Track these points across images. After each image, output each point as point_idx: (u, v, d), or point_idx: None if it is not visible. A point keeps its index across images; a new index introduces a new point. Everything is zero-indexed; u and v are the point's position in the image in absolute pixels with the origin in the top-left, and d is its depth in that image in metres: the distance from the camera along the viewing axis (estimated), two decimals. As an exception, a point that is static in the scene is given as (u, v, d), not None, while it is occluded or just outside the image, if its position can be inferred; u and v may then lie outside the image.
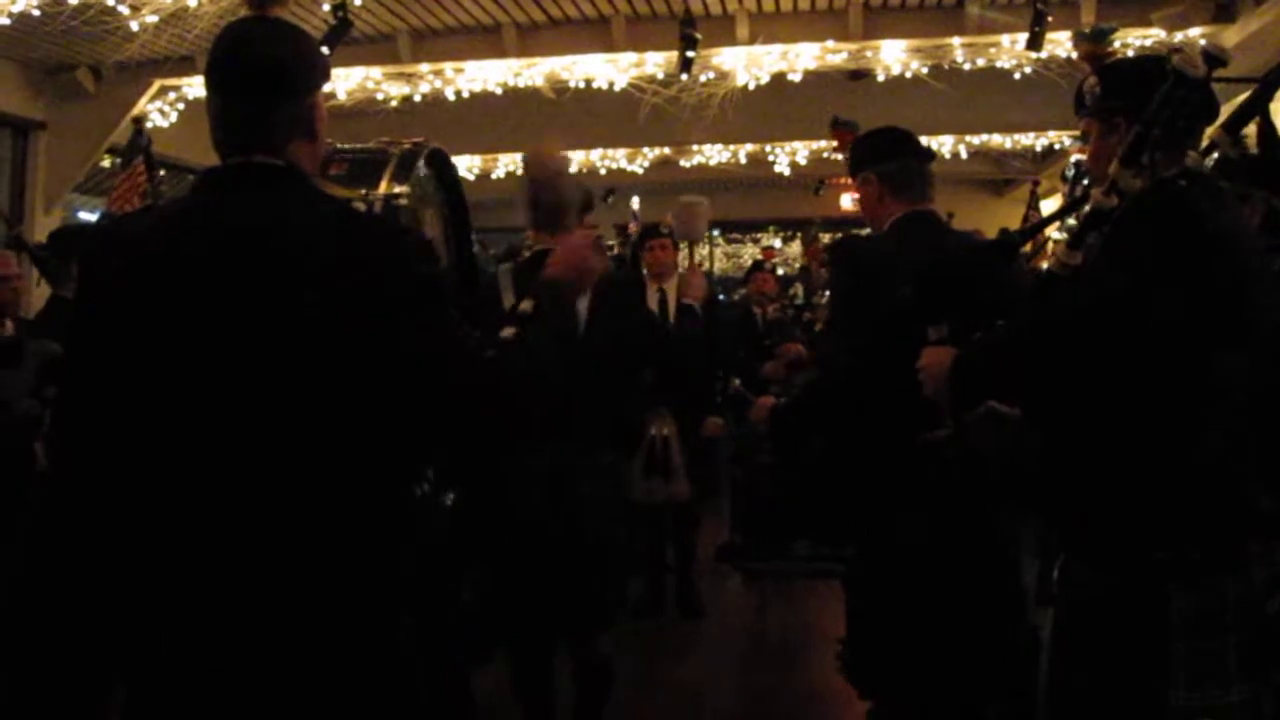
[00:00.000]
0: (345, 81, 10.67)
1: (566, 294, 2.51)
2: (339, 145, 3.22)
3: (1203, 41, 9.55)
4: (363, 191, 3.01)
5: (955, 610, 3.32)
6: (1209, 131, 2.61)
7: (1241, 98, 2.60)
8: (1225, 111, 2.60)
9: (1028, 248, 3.78)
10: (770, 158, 14.60)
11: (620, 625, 4.26)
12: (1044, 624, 2.73)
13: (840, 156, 8.55)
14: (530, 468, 3.75)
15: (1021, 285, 3.03)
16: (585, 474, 3.93)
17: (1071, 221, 3.56)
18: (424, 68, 10.84)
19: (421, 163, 3.29)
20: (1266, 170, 3.49)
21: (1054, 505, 2.60)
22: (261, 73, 2.10)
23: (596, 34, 10.52)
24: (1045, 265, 2.67)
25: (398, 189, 3.04)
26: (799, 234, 19.72)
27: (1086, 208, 2.51)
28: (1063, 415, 2.48)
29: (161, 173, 10.67)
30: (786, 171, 14.80)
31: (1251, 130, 3.19)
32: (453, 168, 3.51)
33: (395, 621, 2.05)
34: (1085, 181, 3.25)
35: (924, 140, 3.88)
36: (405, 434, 2.04)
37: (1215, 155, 2.78)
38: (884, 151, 3.67)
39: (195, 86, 10.77)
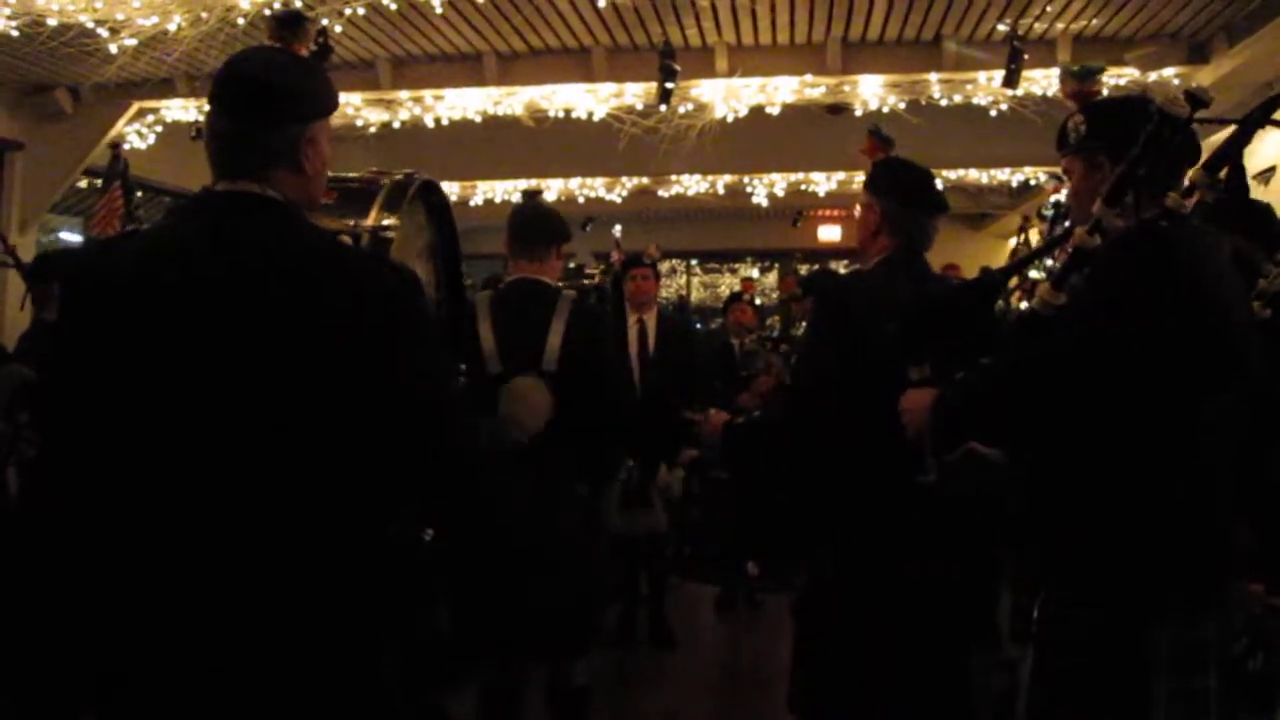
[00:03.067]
0: (325, 108, 10.64)
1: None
2: (330, 173, 3.22)
3: (1175, 81, 9.67)
4: (350, 223, 3.00)
5: (903, 647, 3.29)
6: (1190, 173, 2.63)
7: (1217, 138, 2.62)
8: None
9: (1012, 283, 3.78)
10: (748, 189, 14.66)
11: (593, 654, 4.25)
12: (1021, 660, 2.73)
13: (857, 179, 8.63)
14: (508, 497, 3.74)
15: (1002, 324, 3.04)
16: (563, 504, 3.93)
17: (1050, 261, 3.58)
18: (404, 95, 10.85)
19: (413, 194, 3.28)
20: (1236, 212, 3.52)
21: (1036, 543, 2.60)
22: (247, 97, 2.10)
23: (576, 64, 10.56)
24: (1025, 305, 2.68)
25: (386, 220, 3.02)
26: (776, 265, 19.81)
27: (1068, 247, 2.52)
28: (1045, 455, 2.49)
29: (139, 194, 10.65)
30: (764, 203, 14.87)
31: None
32: (444, 199, 3.51)
33: (377, 653, 2.04)
34: (1067, 221, 3.27)
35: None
36: (384, 468, 2.03)
37: (1195, 196, 2.80)
38: (899, 190, 3.60)
39: (174, 109, 10.76)
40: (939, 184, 3.67)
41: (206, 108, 2.18)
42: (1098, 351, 2.27)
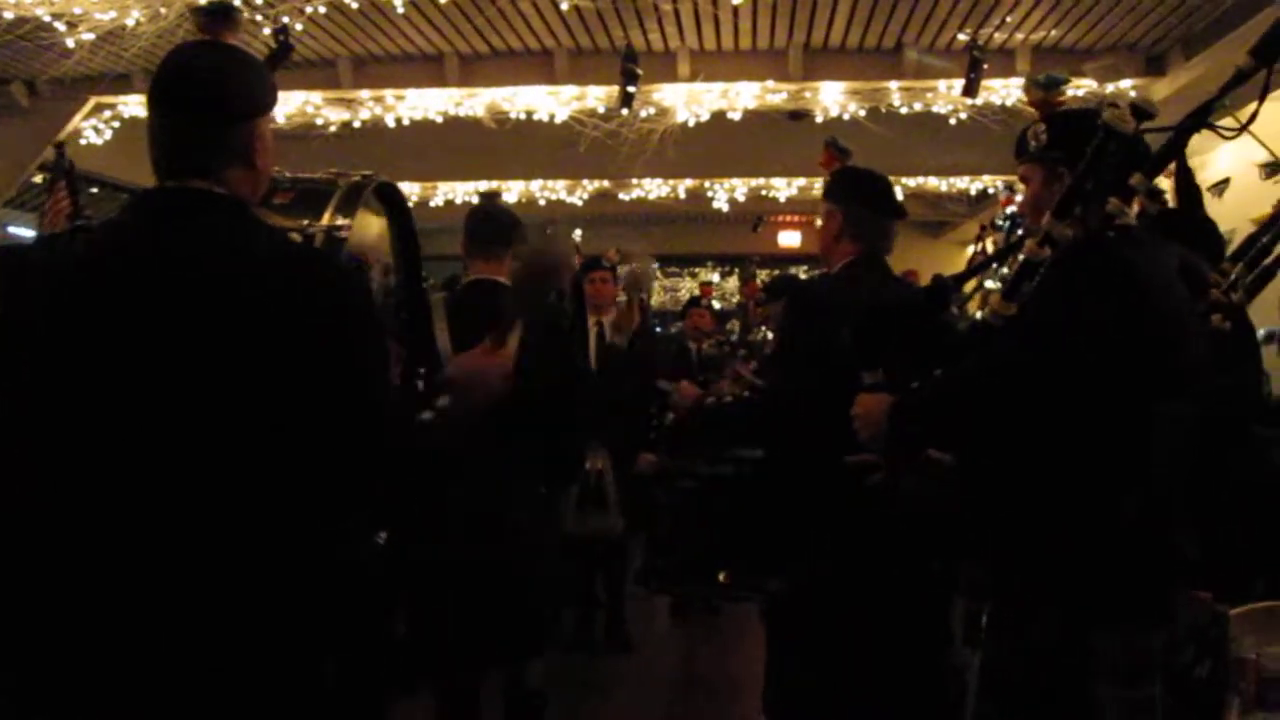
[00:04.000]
0: (284, 105, 10.60)
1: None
2: (286, 174, 3.19)
3: (1133, 93, 9.78)
4: (304, 222, 2.98)
5: (878, 650, 3.33)
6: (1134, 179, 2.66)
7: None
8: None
9: (969, 288, 3.82)
10: (709, 193, 14.70)
11: (549, 658, 4.24)
12: (970, 665, 2.75)
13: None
14: (463, 499, 3.73)
15: (956, 331, 3.06)
16: (518, 505, 3.91)
17: (1005, 270, 3.61)
18: (364, 94, 10.81)
19: (371, 195, 3.26)
20: (1184, 223, 3.58)
21: (987, 551, 2.62)
22: (200, 96, 2.08)
23: (538, 66, 10.56)
24: (979, 314, 2.71)
25: (341, 221, 3.01)
26: (737, 269, 19.86)
27: (1020, 257, 2.55)
28: (998, 463, 2.51)
29: (95, 190, 10.54)
30: (725, 208, 14.91)
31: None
32: (403, 200, 3.49)
33: (321, 655, 2.03)
34: (1020, 231, 3.32)
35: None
36: (328, 466, 2.02)
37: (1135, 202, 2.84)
38: (856, 194, 3.67)
39: (131, 105, 10.66)
40: (899, 191, 3.71)
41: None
42: (1048, 361, 2.30)
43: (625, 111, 10.13)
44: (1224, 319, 3.30)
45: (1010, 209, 5.84)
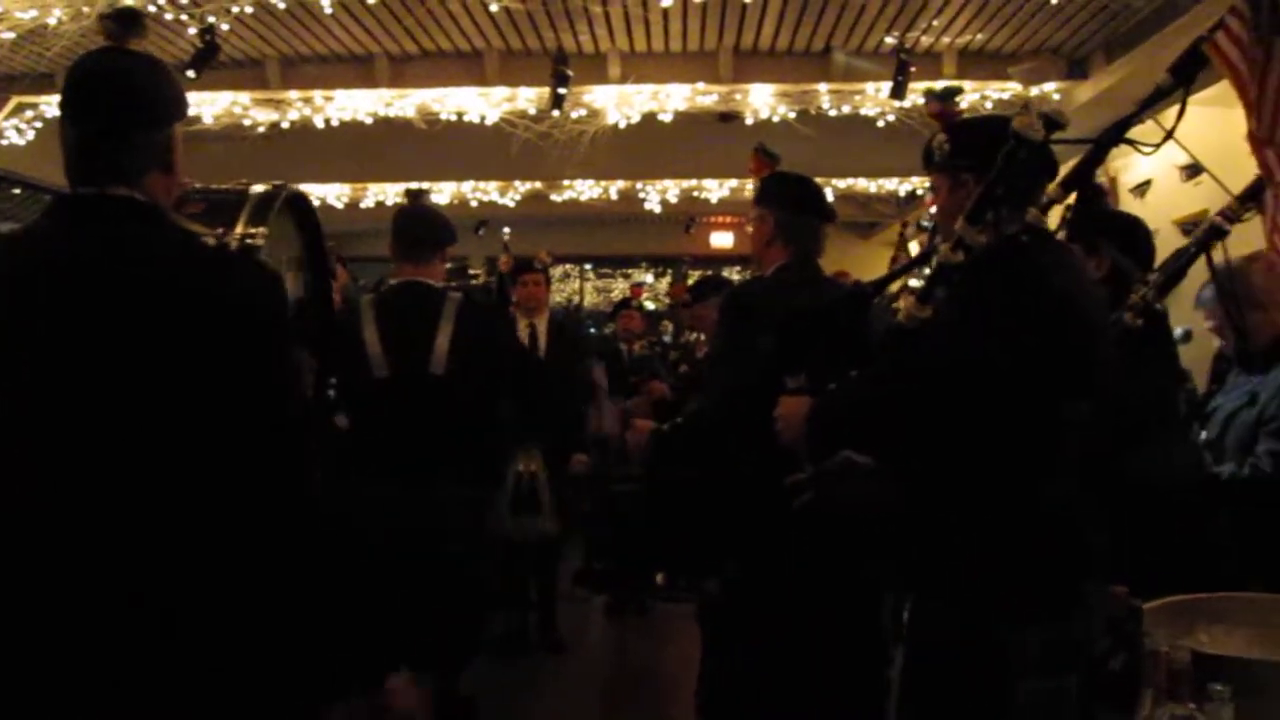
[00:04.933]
0: (211, 106, 10.48)
1: None
2: (196, 185, 3.18)
3: (1056, 96, 9.94)
4: (219, 230, 2.97)
5: (811, 649, 3.37)
6: (1050, 188, 2.72)
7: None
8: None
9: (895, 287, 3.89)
10: (641, 195, 14.72)
11: (482, 660, 4.24)
12: (894, 661, 2.79)
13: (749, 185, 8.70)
14: (389, 501, 3.73)
15: (877, 334, 3.10)
16: (449, 508, 3.91)
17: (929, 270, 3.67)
18: (293, 94, 10.72)
19: (281, 205, 3.26)
20: (1118, 227, 3.65)
21: (905, 548, 2.66)
22: (119, 103, 2.08)
23: (469, 67, 10.54)
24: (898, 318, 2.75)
25: (253, 230, 3.00)
26: (670, 270, 19.92)
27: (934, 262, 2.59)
28: (913, 463, 2.55)
29: (16, 192, 10.33)
30: (657, 209, 14.94)
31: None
32: (312, 212, 3.49)
33: (249, 663, 2.02)
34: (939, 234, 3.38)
35: (790, 183, 3.93)
36: (246, 472, 2.02)
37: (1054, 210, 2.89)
38: (786, 198, 3.73)
39: (53, 105, 10.44)
40: (829, 193, 3.78)
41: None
42: (961, 363, 2.34)
43: (556, 113, 10.14)
44: (1136, 316, 3.38)
45: (933, 208, 5.92)
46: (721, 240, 18.19)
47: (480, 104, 10.71)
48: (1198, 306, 4.28)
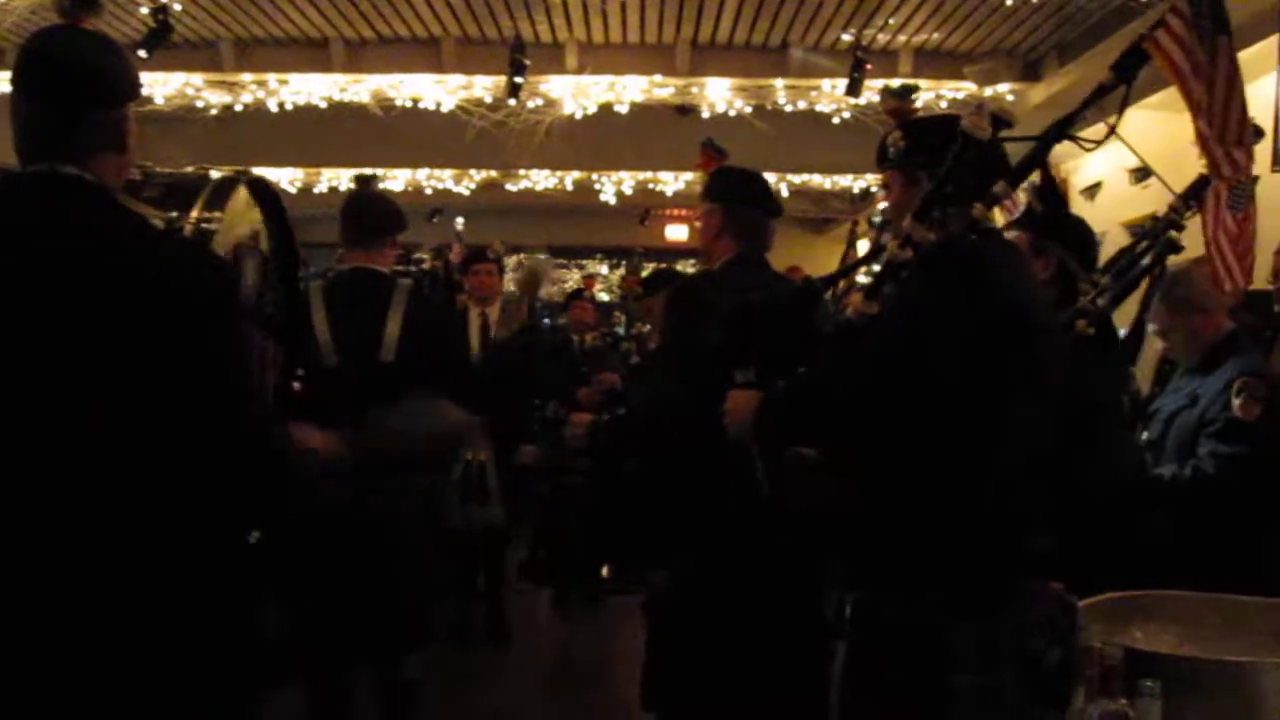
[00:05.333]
0: (164, 86, 10.38)
1: None
2: (156, 168, 3.15)
3: (1010, 97, 10.03)
4: (174, 214, 2.96)
5: (756, 641, 3.38)
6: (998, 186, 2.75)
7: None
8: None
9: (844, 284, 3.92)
10: (596, 186, 14.72)
11: (428, 650, 4.23)
12: (836, 655, 2.81)
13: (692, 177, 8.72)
14: (337, 490, 3.71)
15: (825, 330, 3.12)
16: (394, 496, 3.89)
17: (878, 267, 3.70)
18: (246, 77, 10.64)
19: (243, 190, 3.24)
20: (1064, 227, 3.69)
21: (848, 544, 2.68)
22: (74, 82, 2.07)
23: (425, 54, 10.50)
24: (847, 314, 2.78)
25: (209, 215, 2.99)
26: (624, 262, 19.92)
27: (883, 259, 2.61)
28: (858, 459, 2.57)
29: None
30: (612, 200, 14.96)
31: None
32: (276, 196, 3.46)
33: (192, 653, 2.02)
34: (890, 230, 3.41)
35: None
36: (194, 457, 2.01)
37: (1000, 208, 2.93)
38: (738, 194, 3.73)
39: (3, 82, 10.33)
40: (784, 188, 3.79)
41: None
42: (906, 360, 2.36)
43: (513, 102, 10.12)
44: (1089, 325, 3.42)
45: (883, 204, 6.00)
46: (676, 233, 18.21)
47: (436, 91, 10.68)
48: (1147, 313, 4.34)
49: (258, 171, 12.21)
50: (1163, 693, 1.68)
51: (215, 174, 3.17)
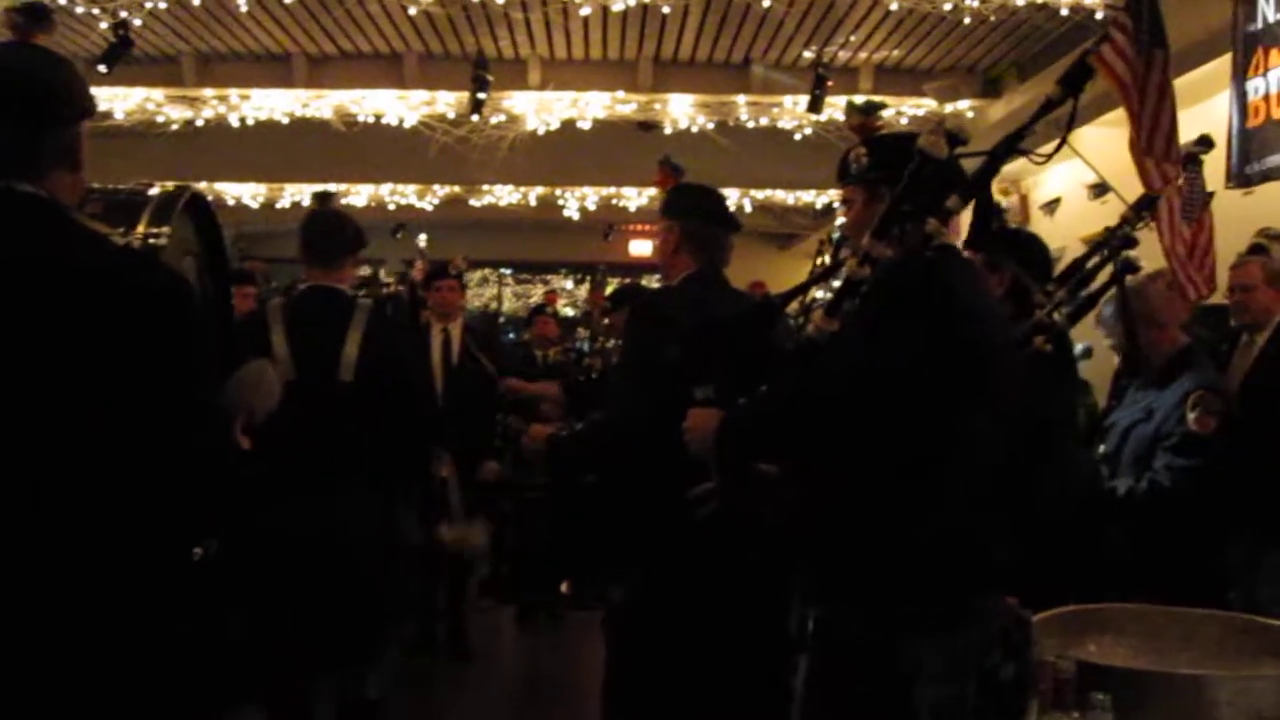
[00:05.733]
0: (124, 102, 10.31)
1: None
2: (94, 185, 3.13)
3: (970, 113, 10.12)
4: (120, 230, 2.94)
5: (716, 656, 3.39)
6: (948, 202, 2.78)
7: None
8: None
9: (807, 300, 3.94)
10: (560, 201, 14.72)
11: (389, 666, 4.21)
12: (798, 669, 2.82)
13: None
14: (295, 507, 3.70)
15: (785, 347, 3.13)
16: (352, 513, 3.88)
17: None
18: (208, 92, 10.59)
19: (182, 207, 3.22)
20: (1018, 244, 3.73)
21: (809, 559, 2.69)
22: (28, 100, 2.06)
23: (388, 70, 10.50)
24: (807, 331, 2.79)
25: (156, 230, 2.97)
26: (589, 277, 19.94)
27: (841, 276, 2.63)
28: (819, 475, 2.59)
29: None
30: (576, 216, 14.96)
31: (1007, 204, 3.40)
32: (213, 214, 3.45)
33: (140, 663, 2.00)
34: (848, 247, 3.44)
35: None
36: (155, 475, 2.00)
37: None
38: (692, 209, 3.76)
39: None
40: (747, 204, 3.81)
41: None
42: (867, 377, 2.38)
43: (476, 118, 10.12)
44: (1046, 341, 3.45)
45: (841, 220, 6.06)
46: (640, 248, 18.23)
47: (399, 107, 10.66)
48: (1099, 324, 4.39)
49: (220, 187, 12.18)
50: (1114, 705, 1.70)
51: (154, 190, 3.15)
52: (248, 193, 13.93)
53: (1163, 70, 3.13)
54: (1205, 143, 4.71)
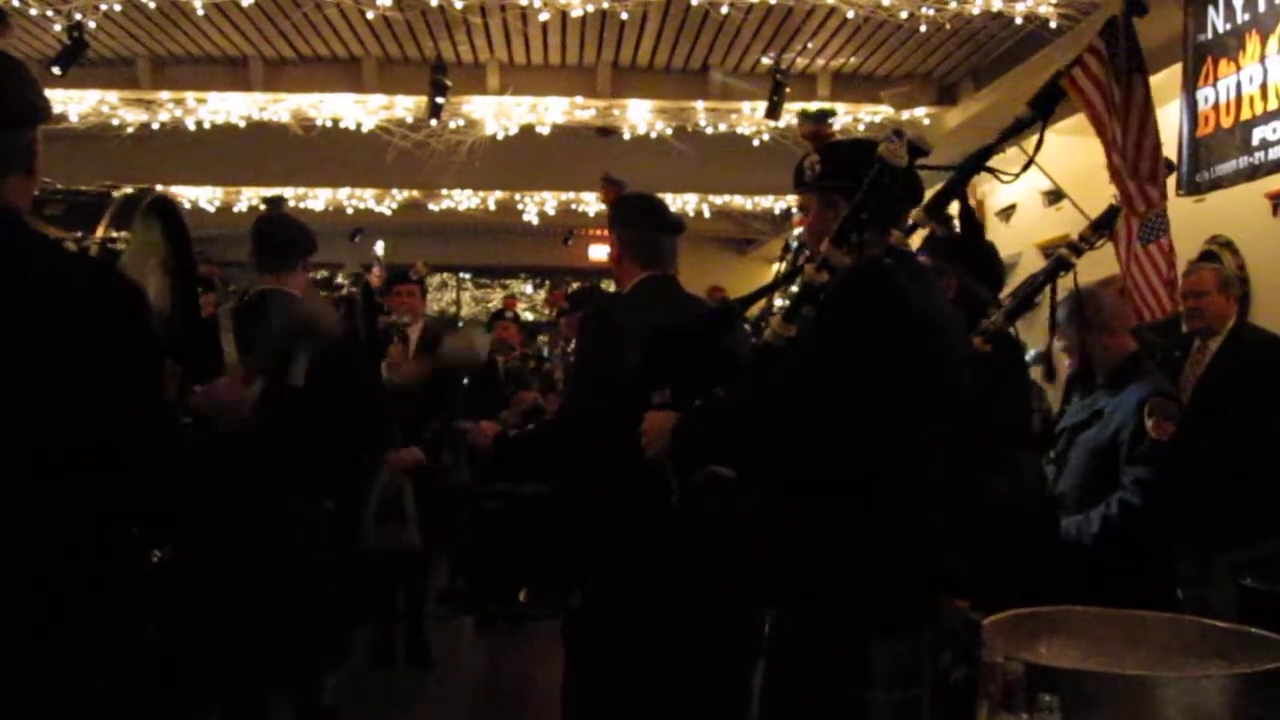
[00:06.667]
0: (79, 104, 10.20)
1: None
2: (57, 186, 3.10)
3: (927, 120, 10.19)
4: (78, 234, 2.92)
5: (671, 660, 3.40)
6: (913, 213, 2.81)
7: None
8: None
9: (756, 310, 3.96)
10: (519, 206, 14.69)
11: (348, 674, 4.20)
12: (756, 673, 2.84)
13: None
14: (245, 515, 3.68)
15: (743, 351, 3.15)
16: (303, 521, 3.87)
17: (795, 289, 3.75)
18: (164, 95, 10.49)
19: (146, 208, 3.20)
20: (967, 250, 3.76)
21: (764, 562, 2.71)
22: None
23: (346, 74, 10.44)
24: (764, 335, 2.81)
25: (115, 234, 2.95)
26: (548, 281, 19.93)
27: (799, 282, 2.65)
28: (775, 480, 2.61)
29: None
30: (535, 220, 14.94)
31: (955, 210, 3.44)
32: (180, 217, 3.44)
33: (84, 674, 1.99)
34: (807, 253, 3.46)
35: (668, 198, 4.03)
36: (104, 482, 1.99)
37: (924, 232, 2.99)
38: (630, 218, 3.80)
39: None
40: (706, 209, 3.83)
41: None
42: (824, 382, 2.40)
43: (434, 122, 10.09)
44: (985, 342, 3.49)
45: (798, 230, 6.11)
46: (600, 253, 18.18)
47: (357, 111, 10.61)
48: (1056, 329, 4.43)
49: (176, 190, 12.06)
50: (1062, 707, 1.72)
51: (117, 192, 3.12)
52: (204, 196, 13.82)
53: (1145, 95, 3.17)
54: (1168, 166, 4.76)
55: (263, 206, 13.72)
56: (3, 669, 1.89)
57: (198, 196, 13.67)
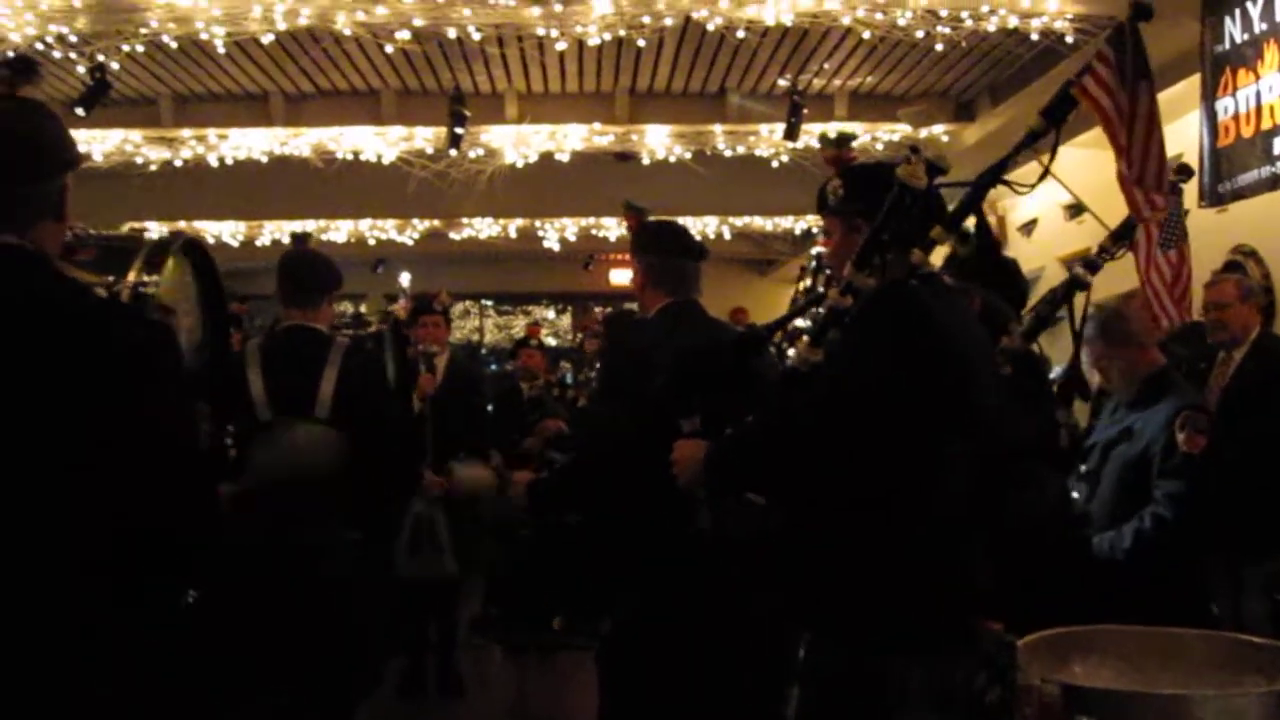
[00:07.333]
0: (102, 144, 10.31)
1: None
2: (90, 230, 3.15)
3: (944, 138, 10.18)
4: (110, 278, 2.96)
5: (704, 685, 3.39)
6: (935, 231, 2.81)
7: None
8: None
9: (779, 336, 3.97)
10: (540, 232, 14.73)
11: (379, 702, 4.19)
12: (790, 699, 2.83)
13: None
14: (274, 546, 3.70)
15: (770, 376, 3.16)
16: (331, 553, 3.88)
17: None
18: (186, 133, 10.59)
19: (176, 251, 3.24)
20: (988, 266, 3.76)
21: (800, 587, 2.71)
22: (15, 155, 2.08)
23: (365, 106, 10.52)
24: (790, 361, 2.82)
25: (147, 278, 2.99)
26: (570, 307, 19.98)
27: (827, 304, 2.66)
28: (807, 503, 2.61)
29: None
30: (556, 246, 14.97)
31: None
32: (210, 257, 3.48)
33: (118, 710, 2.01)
34: (828, 272, 3.48)
35: (689, 221, 4.05)
36: (134, 525, 2.01)
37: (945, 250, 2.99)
38: (652, 245, 3.82)
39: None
40: (726, 231, 3.84)
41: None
42: (853, 405, 2.40)
43: (454, 153, 10.14)
44: (1006, 362, 3.48)
45: (816, 250, 6.11)
46: (621, 277, 18.23)
47: (377, 143, 10.68)
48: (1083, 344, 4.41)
49: (199, 225, 12.14)
50: (1099, 727, 1.72)
51: (149, 235, 3.17)
52: (227, 231, 13.92)
53: (1151, 102, 3.17)
54: (1184, 171, 4.74)
55: (285, 240, 13.82)
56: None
57: (221, 231, 13.76)
